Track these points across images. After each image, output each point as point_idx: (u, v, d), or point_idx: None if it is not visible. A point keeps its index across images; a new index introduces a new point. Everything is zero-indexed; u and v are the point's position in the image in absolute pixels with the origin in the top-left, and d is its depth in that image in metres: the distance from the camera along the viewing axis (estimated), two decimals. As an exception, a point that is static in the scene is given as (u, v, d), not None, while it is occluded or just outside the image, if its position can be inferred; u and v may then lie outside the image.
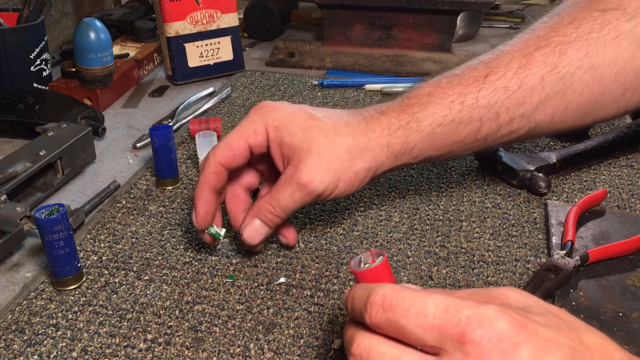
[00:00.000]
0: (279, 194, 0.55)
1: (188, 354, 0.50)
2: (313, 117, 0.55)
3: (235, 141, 0.55)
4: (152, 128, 0.71)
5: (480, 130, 0.56)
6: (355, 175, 0.55)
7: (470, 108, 0.55)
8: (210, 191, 0.56)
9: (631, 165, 0.77)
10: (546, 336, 0.31)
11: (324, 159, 0.53)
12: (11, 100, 0.85)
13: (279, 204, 0.55)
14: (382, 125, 0.55)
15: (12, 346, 0.51)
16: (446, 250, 0.62)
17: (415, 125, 0.55)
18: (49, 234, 0.54)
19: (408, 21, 1.09)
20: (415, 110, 0.56)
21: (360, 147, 0.54)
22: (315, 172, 0.53)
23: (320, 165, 0.53)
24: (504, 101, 0.55)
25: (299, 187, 0.53)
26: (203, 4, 1.02)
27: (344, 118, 0.56)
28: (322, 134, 0.54)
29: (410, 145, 0.56)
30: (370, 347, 0.34)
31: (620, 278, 0.57)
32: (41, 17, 0.92)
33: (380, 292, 0.34)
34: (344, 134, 0.55)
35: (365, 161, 0.55)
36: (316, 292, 0.57)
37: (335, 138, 0.54)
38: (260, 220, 0.56)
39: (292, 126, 0.54)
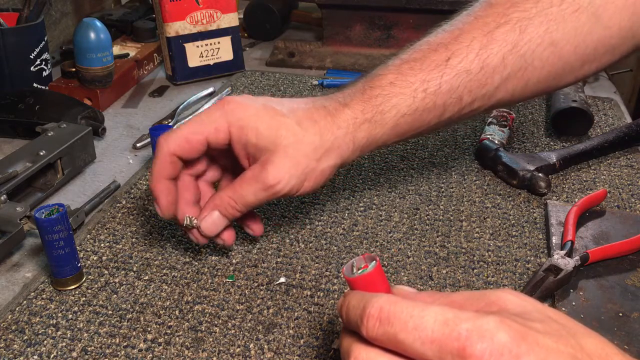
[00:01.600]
0: (243, 190, 0.54)
1: (188, 354, 0.50)
2: (279, 115, 0.54)
3: (192, 135, 0.54)
4: (152, 128, 0.71)
5: (444, 114, 0.56)
6: (321, 173, 0.55)
7: (434, 95, 0.55)
8: (166, 181, 0.55)
9: (631, 165, 0.77)
10: (547, 345, 0.31)
11: (291, 159, 0.53)
12: (11, 100, 0.85)
13: (241, 199, 0.54)
14: (347, 120, 0.55)
15: (12, 346, 0.51)
16: (446, 250, 0.62)
17: (380, 118, 0.55)
18: (49, 234, 0.54)
19: (408, 21, 1.09)
20: (379, 102, 0.55)
21: (327, 146, 0.54)
22: (282, 173, 0.52)
23: (287, 165, 0.52)
24: (467, 84, 0.55)
25: (264, 187, 0.53)
26: (203, 4, 1.02)
27: (309, 113, 0.55)
28: (289, 133, 0.53)
29: (375, 137, 0.56)
30: (368, 359, 0.34)
31: (620, 278, 0.57)
32: (41, 17, 0.92)
33: (377, 305, 0.34)
34: (311, 132, 0.54)
35: (331, 159, 0.54)
36: (316, 292, 0.57)
37: (303, 137, 0.53)
38: (220, 212, 0.55)
39: (258, 126, 0.53)
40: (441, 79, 0.55)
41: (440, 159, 0.79)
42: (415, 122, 0.56)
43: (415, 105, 0.55)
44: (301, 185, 0.54)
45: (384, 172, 0.76)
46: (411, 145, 0.82)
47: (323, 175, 0.55)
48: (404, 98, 0.55)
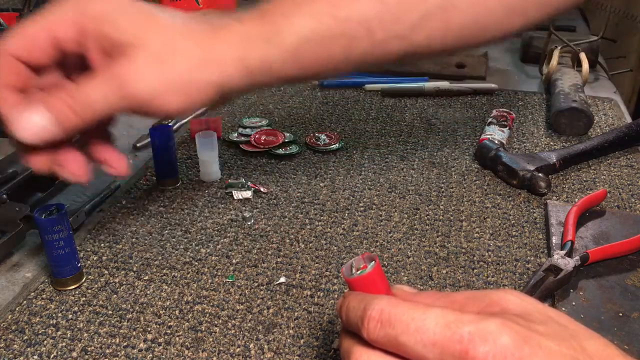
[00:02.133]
0: (86, 85, 0.42)
1: (188, 354, 0.50)
2: (149, 12, 0.44)
3: (36, 30, 0.43)
4: (152, 128, 0.71)
5: (351, 48, 0.48)
6: (195, 88, 0.44)
7: (343, 21, 0.47)
8: (8, 90, 0.43)
9: (631, 165, 0.77)
10: (549, 348, 0.31)
11: (156, 59, 0.42)
12: (11, 100, 0.85)
13: (81, 95, 0.42)
14: (235, 34, 0.45)
15: (12, 346, 0.51)
16: (446, 250, 0.62)
17: (278, 39, 0.46)
18: (49, 234, 0.54)
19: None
20: (277, 19, 0.46)
21: (205, 56, 0.44)
22: (142, 72, 0.42)
23: (151, 66, 0.42)
24: (380, 15, 0.48)
25: (117, 83, 0.42)
26: (203, 4, 1.02)
27: (186, 20, 0.45)
28: (158, 32, 0.43)
29: (270, 61, 0.46)
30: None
31: (620, 278, 0.57)
32: (41, 17, 0.92)
33: (378, 307, 0.34)
34: (186, 37, 0.44)
35: (210, 73, 0.44)
36: (316, 292, 0.57)
37: (175, 40, 0.43)
38: (48, 108, 0.42)
39: (120, 18, 0.43)
40: (352, 3, 0.47)
41: (440, 159, 0.79)
42: (320, 51, 0.47)
43: (321, 30, 0.47)
44: (165, 95, 0.43)
45: (384, 172, 0.76)
46: (411, 146, 0.82)
47: (197, 92, 0.44)
48: (309, 20, 0.46)
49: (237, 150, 0.81)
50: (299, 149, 0.80)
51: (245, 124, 0.86)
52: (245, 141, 0.82)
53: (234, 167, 0.77)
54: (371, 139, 0.83)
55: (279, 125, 0.87)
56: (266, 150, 0.80)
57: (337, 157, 0.79)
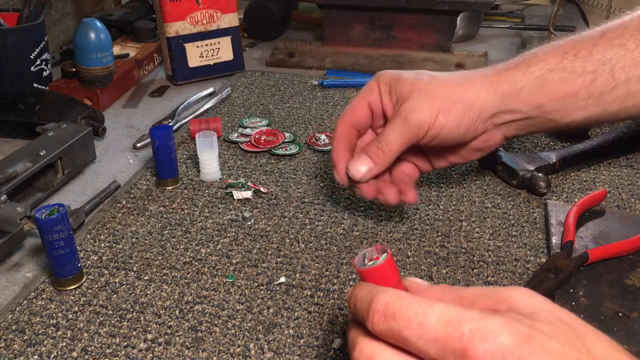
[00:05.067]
0: (385, 129, 0.58)
1: (188, 354, 0.50)
2: (420, 71, 0.60)
3: (356, 102, 0.61)
4: (152, 128, 0.71)
5: (594, 85, 0.55)
6: (454, 106, 0.56)
7: (584, 60, 0.55)
8: (344, 149, 0.61)
9: (631, 165, 0.77)
10: (552, 349, 0.30)
11: (423, 94, 0.57)
12: (11, 100, 0.85)
13: (383, 136, 0.58)
14: (486, 70, 0.57)
15: (12, 346, 0.51)
16: (446, 250, 0.62)
17: (524, 67, 0.56)
18: (49, 234, 0.54)
19: (408, 21, 1.09)
20: (526, 57, 0.57)
21: (460, 84, 0.57)
22: (413, 104, 0.56)
23: (419, 98, 0.57)
24: (620, 58, 0.54)
25: (398, 117, 0.57)
26: (203, 4, 1.02)
27: (449, 72, 0.60)
28: (425, 79, 0.58)
29: (518, 85, 0.56)
30: (373, 353, 0.34)
31: (620, 278, 0.57)
32: (41, 17, 0.92)
33: (383, 300, 0.34)
34: (447, 77, 0.58)
35: (464, 93, 0.56)
36: (316, 292, 0.57)
37: (437, 79, 0.58)
38: (367, 154, 0.59)
39: (400, 78, 0.59)
40: (593, 48, 0.55)
41: (440, 159, 0.79)
42: (562, 81, 0.55)
43: (564, 64, 0.55)
44: (435, 117, 0.55)
45: (384, 172, 0.76)
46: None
47: (457, 110, 0.56)
48: (553, 57, 0.56)
49: (237, 150, 0.81)
50: (299, 149, 0.80)
51: (245, 124, 0.87)
52: (245, 141, 0.82)
53: (234, 167, 0.77)
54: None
55: (279, 125, 0.87)
56: (266, 150, 0.80)
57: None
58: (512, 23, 1.35)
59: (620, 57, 0.54)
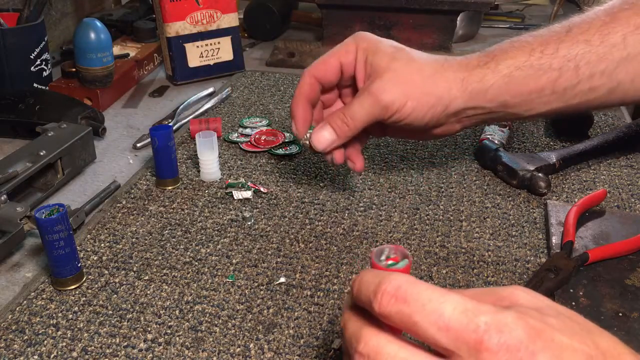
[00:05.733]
0: (352, 103, 0.59)
1: (188, 354, 0.50)
2: (400, 48, 0.60)
3: (329, 58, 0.61)
4: (152, 128, 0.71)
5: (559, 81, 0.57)
6: (424, 97, 0.58)
7: (550, 57, 0.56)
8: (305, 101, 0.62)
9: (631, 165, 0.77)
10: (562, 342, 0.31)
11: (398, 76, 0.58)
12: (11, 100, 0.85)
13: (349, 111, 0.59)
14: (461, 63, 0.59)
15: (12, 346, 0.51)
16: (446, 250, 0.62)
17: (494, 65, 0.58)
18: (49, 234, 0.54)
19: (408, 21, 1.09)
20: (495, 54, 0.58)
21: (434, 75, 0.58)
22: (386, 85, 0.57)
23: (392, 80, 0.58)
24: (585, 54, 0.56)
25: (369, 95, 0.58)
26: (203, 4, 1.02)
27: (426, 54, 0.61)
28: (403, 59, 0.59)
29: (486, 84, 0.58)
30: (379, 347, 0.33)
31: (620, 278, 0.57)
32: (41, 17, 0.92)
33: (395, 282, 0.33)
34: (423, 62, 0.59)
35: (436, 87, 0.58)
36: (316, 292, 0.57)
37: (414, 63, 0.59)
38: (331, 126, 0.60)
39: (379, 49, 0.59)
40: (559, 44, 0.56)
41: (440, 159, 0.79)
42: (528, 79, 0.57)
43: (531, 62, 0.57)
44: (404, 102, 0.57)
45: (384, 172, 0.76)
46: (411, 145, 0.82)
47: (427, 101, 0.58)
48: (521, 53, 0.57)
49: (237, 150, 0.81)
50: (299, 149, 0.80)
51: (245, 124, 0.87)
52: (245, 141, 0.82)
53: (234, 167, 0.77)
54: (371, 139, 0.83)
55: (279, 125, 0.87)
56: (266, 150, 0.80)
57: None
58: (512, 23, 1.35)
59: (585, 53, 0.56)
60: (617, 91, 0.57)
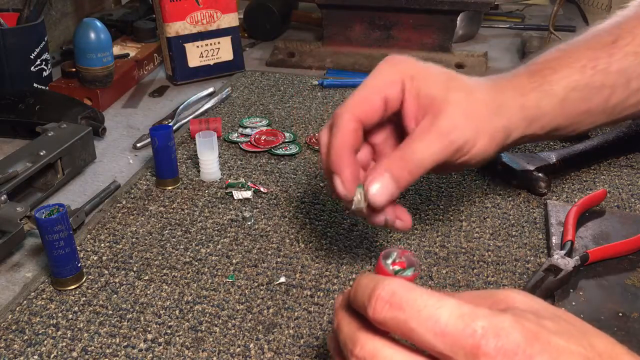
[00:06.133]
0: (414, 144, 0.48)
1: (188, 354, 0.50)
2: (448, 71, 0.52)
3: (371, 94, 0.49)
4: (152, 128, 0.71)
5: (611, 99, 0.53)
6: (494, 131, 0.50)
7: (603, 73, 0.53)
8: (351, 152, 0.49)
9: (631, 165, 0.77)
10: (559, 345, 0.31)
11: (464, 109, 0.49)
12: (11, 100, 0.85)
13: (413, 155, 0.47)
14: (514, 86, 0.52)
15: (12, 346, 0.51)
16: (446, 250, 0.62)
17: (548, 87, 0.52)
18: (49, 234, 0.54)
19: (408, 21, 1.09)
20: (546, 73, 0.53)
21: (497, 104, 0.51)
22: (456, 121, 0.48)
23: (461, 115, 0.49)
24: (635, 67, 0.53)
25: (438, 135, 0.48)
26: (203, 4, 1.02)
27: (476, 79, 0.53)
28: (459, 87, 0.51)
29: (543, 109, 0.52)
30: (375, 350, 0.33)
31: (620, 278, 0.57)
32: (41, 17, 0.92)
33: (389, 287, 0.32)
34: (481, 89, 0.51)
35: (502, 118, 0.51)
36: (316, 292, 0.57)
37: (473, 93, 0.51)
38: (391, 174, 0.47)
39: (430, 76, 0.50)
40: (610, 57, 0.53)
41: (440, 159, 0.79)
42: (583, 100, 0.53)
43: (585, 81, 0.52)
44: (475, 140, 0.49)
45: (384, 172, 0.76)
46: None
47: (495, 135, 0.50)
48: (572, 71, 0.52)
49: (237, 150, 0.81)
50: (299, 149, 0.80)
51: (245, 124, 0.87)
52: (245, 141, 0.82)
53: (234, 167, 0.77)
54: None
55: (279, 125, 0.87)
56: (266, 150, 0.80)
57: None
58: (512, 23, 1.34)
59: (635, 66, 0.53)
60: None
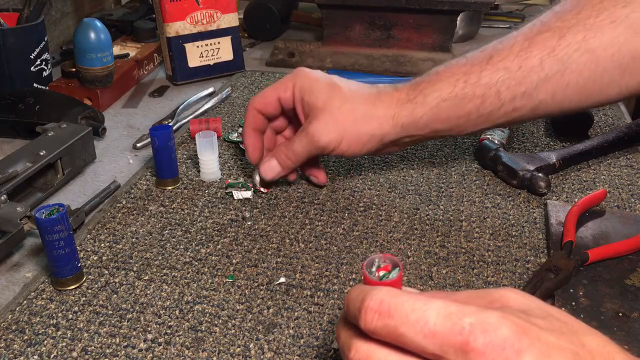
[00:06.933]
0: (293, 141, 0.67)
1: (188, 354, 0.50)
2: (335, 85, 0.65)
3: (269, 92, 0.68)
4: (152, 128, 0.71)
5: (483, 106, 0.61)
6: (357, 138, 0.64)
7: (473, 86, 0.61)
8: (253, 130, 0.69)
9: (631, 165, 0.77)
10: (548, 341, 0.31)
11: (333, 118, 0.64)
12: (11, 100, 0.85)
13: (291, 147, 0.67)
14: (392, 98, 0.64)
15: (12, 346, 0.51)
16: (446, 250, 0.62)
17: (422, 99, 0.62)
18: (49, 234, 0.54)
19: (408, 21, 1.09)
20: (423, 87, 0.63)
21: (367, 115, 0.64)
22: (322, 127, 0.64)
23: (328, 122, 0.64)
24: (505, 80, 0.60)
25: (306, 136, 0.65)
26: (203, 4, 1.02)
27: (361, 89, 0.66)
28: (337, 98, 0.64)
29: (416, 116, 0.63)
30: (369, 353, 0.34)
31: (620, 278, 0.57)
32: (41, 17, 0.92)
33: (377, 297, 0.33)
34: (356, 101, 0.64)
35: (368, 126, 0.63)
36: (316, 292, 0.57)
37: (347, 104, 0.64)
38: (276, 159, 0.68)
39: (315, 89, 0.65)
40: (481, 73, 0.61)
41: (440, 159, 0.79)
42: (455, 108, 0.61)
43: (455, 92, 0.61)
44: (339, 142, 0.64)
45: (384, 172, 0.76)
46: (411, 146, 0.82)
47: (360, 140, 0.64)
48: (446, 85, 0.62)
49: (237, 150, 0.81)
50: (299, 149, 0.80)
51: (245, 124, 0.86)
52: (245, 141, 0.82)
53: (234, 167, 0.77)
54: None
55: (279, 125, 0.87)
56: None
57: (337, 157, 0.79)
58: (512, 23, 1.35)
59: (505, 79, 0.60)
60: (540, 108, 0.61)
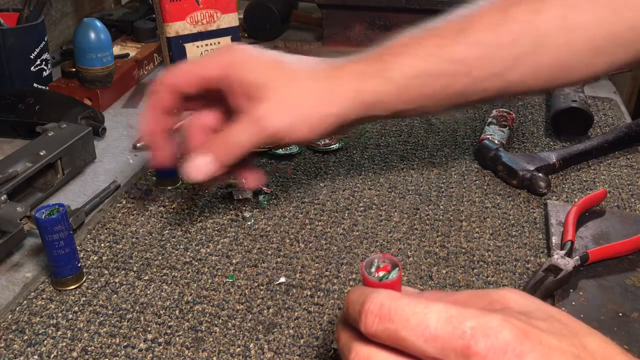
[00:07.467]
0: (232, 128, 0.52)
1: (188, 354, 0.50)
2: (279, 60, 0.54)
3: (188, 68, 0.55)
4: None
5: (452, 85, 0.54)
6: (319, 121, 0.52)
7: (445, 61, 0.53)
8: (156, 110, 0.55)
9: (631, 165, 0.77)
10: (550, 344, 0.31)
11: (283, 99, 0.51)
12: (11, 100, 0.85)
13: (230, 138, 0.52)
14: (351, 73, 0.53)
15: (12, 346, 0.51)
16: (446, 250, 0.62)
17: (388, 74, 0.53)
18: (49, 234, 0.54)
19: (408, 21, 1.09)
20: (388, 59, 0.53)
21: (327, 92, 0.52)
22: (272, 110, 0.51)
23: (278, 104, 0.51)
24: (478, 56, 0.54)
25: (251, 122, 0.51)
26: (203, 4, 1.01)
27: (308, 63, 0.54)
28: (283, 74, 0.52)
29: (381, 95, 0.53)
30: (369, 356, 0.34)
31: (620, 278, 0.57)
32: (41, 17, 0.92)
33: (377, 300, 0.33)
34: (309, 77, 0.53)
35: (332, 106, 0.52)
36: (316, 292, 0.57)
37: (298, 80, 0.52)
38: (213, 154, 0.52)
39: (253, 64, 0.53)
40: (453, 47, 0.53)
41: (440, 159, 0.79)
42: (423, 86, 0.53)
43: (427, 68, 0.53)
44: (293, 127, 0.52)
45: (384, 172, 0.76)
46: (411, 146, 0.82)
47: (320, 123, 0.52)
48: (415, 59, 0.53)
49: (237, 150, 0.81)
50: (299, 149, 0.80)
51: (245, 124, 0.86)
52: (245, 141, 0.82)
53: (234, 167, 0.77)
54: (371, 139, 0.83)
55: (279, 125, 0.87)
56: (266, 150, 0.80)
57: (337, 157, 0.79)
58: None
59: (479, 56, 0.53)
60: (509, 90, 0.56)
